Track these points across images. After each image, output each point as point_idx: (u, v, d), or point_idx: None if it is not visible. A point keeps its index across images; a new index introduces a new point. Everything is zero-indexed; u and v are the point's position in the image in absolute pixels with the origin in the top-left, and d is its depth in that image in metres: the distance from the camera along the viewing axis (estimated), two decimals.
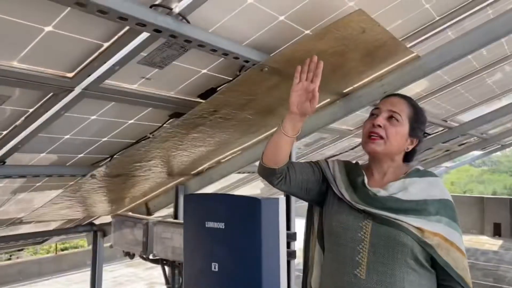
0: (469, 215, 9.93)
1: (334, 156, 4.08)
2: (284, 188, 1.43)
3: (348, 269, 1.29)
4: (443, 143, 5.42)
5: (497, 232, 9.56)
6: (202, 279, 2.12)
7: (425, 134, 1.50)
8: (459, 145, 6.26)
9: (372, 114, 1.43)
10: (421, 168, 1.42)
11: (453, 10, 1.84)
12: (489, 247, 8.63)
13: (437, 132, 4.43)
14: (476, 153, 8.15)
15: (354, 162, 1.53)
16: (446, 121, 4.07)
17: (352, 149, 4.04)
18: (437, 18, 1.86)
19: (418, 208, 1.28)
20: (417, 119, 1.41)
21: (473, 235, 9.77)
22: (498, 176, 30.91)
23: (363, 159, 1.83)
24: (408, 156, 1.45)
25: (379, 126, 1.35)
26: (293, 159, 2.30)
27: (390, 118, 1.37)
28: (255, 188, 4.68)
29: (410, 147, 1.41)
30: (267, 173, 1.41)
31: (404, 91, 2.75)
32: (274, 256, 2.04)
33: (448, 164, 7.89)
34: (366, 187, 1.36)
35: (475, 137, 5.91)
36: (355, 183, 1.39)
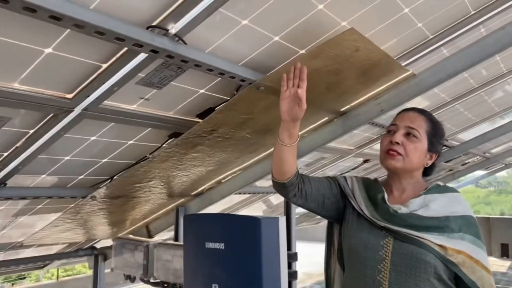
0: None
1: None
2: (300, 203, 1.42)
3: None
4: (446, 162, 5.42)
5: (504, 253, 9.41)
6: None
7: (444, 147, 1.49)
8: (462, 165, 6.25)
9: (389, 131, 1.42)
10: (441, 184, 1.40)
11: (446, 29, 1.88)
12: (497, 268, 8.47)
13: None
14: (480, 172, 8.11)
15: (373, 178, 1.50)
16: (447, 140, 4.08)
17: (353, 169, 4.04)
18: (431, 36, 1.90)
19: (440, 225, 1.25)
20: (436, 133, 1.39)
21: None
22: (505, 197, 30.62)
23: None
24: (427, 171, 1.43)
25: (397, 143, 1.34)
26: None
27: (408, 134, 1.36)
28: (258, 210, 4.66)
29: (430, 162, 1.39)
30: (279, 188, 1.41)
31: (401, 108, 2.79)
32: (275, 277, 2.01)
33: (452, 184, 7.84)
34: (386, 203, 1.34)
35: (478, 156, 5.90)
36: (375, 200, 1.37)
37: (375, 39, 1.64)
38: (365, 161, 3.91)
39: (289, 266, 2.50)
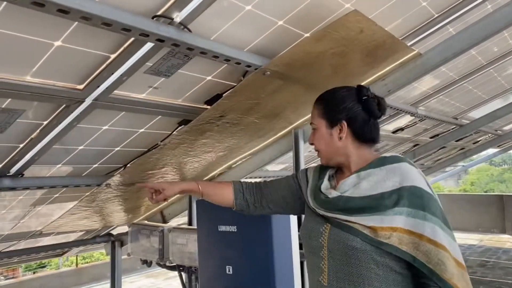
0: (489, 214, 9.72)
1: None
2: (267, 212, 1.48)
3: (315, 277, 1.24)
4: (457, 141, 5.39)
5: None
6: (218, 283, 2.16)
7: (365, 99, 1.27)
8: (474, 143, 6.20)
9: None
10: (387, 155, 1.24)
11: (451, 6, 1.87)
12: (511, 246, 8.47)
13: (448, 130, 4.41)
14: (492, 150, 8.04)
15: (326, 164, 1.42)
16: (457, 119, 4.05)
17: None
18: (436, 15, 1.89)
19: (373, 204, 1.14)
20: (328, 108, 1.28)
21: (494, 234, 9.56)
22: None
23: None
24: (363, 139, 1.26)
25: (312, 144, 1.35)
26: (302, 165, 2.33)
27: (313, 130, 1.33)
28: None
29: (343, 134, 1.25)
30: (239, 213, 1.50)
31: (408, 89, 2.78)
32: (287, 257, 2.07)
33: (464, 163, 7.78)
34: (320, 191, 1.29)
35: (490, 134, 5.85)
36: (317, 188, 1.33)
37: (380, 20, 1.64)
38: None
39: (301, 246, 2.55)
